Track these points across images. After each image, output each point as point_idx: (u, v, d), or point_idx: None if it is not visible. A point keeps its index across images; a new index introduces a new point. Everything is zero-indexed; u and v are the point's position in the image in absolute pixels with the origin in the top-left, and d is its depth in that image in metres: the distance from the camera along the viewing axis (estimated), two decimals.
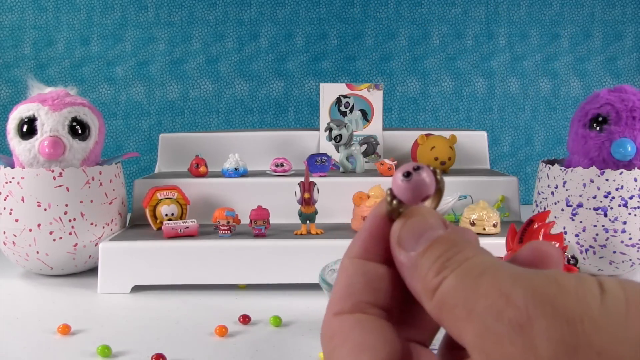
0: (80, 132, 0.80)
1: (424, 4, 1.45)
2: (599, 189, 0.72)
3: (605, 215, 0.72)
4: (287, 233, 0.78)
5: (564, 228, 0.75)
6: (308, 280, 0.71)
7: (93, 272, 0.80)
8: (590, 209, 0.72)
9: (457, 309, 0.16)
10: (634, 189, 0.71)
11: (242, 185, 0.89)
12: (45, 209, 0.76)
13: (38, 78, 0.86)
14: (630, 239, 0.72)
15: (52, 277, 0.81)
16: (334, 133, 0.93)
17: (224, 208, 0.79)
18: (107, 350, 0.53)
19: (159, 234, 0.79)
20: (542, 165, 0.81)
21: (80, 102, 0.81)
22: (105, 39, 1.41)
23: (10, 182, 0.77)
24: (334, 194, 0.85)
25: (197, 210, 0.87)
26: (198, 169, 0.91)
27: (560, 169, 0.76)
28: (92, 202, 0.79)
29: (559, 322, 0.14)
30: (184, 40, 1.42)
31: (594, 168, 0.72)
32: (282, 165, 0.91)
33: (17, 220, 0.77)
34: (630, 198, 0.71)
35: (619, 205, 0.71)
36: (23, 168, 0.77)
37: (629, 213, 0.71)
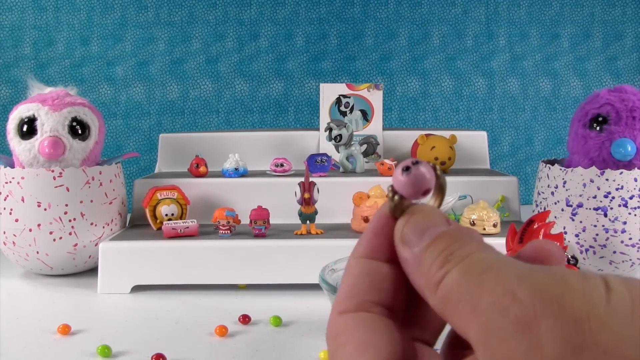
0: (80, 132, 0.80)
1: (424, 4, 1.45)
2: (599, 189, 0.72)
3: (605, 215, 0.72)
4: (287, 233, 0.78)
5: (564, 228, 0.75)
6: (308, 280, 0.71)
7: (93, 272, 0.80)
8: (590, 209, 0.72)
9: (461, 304, 0.16)
10: (634, 189, 0.71)
11: (242, 185, 0.89)
12: (45, 209, 0.76)
13: (38, 78, 0.86)
14: (630, 239, 0.72)
15: (52, 277, 0.81)
16: (334, 133, 0.93)
17: (224, 208, 0.79)
18: (107, 350, 0.53)
19: (159, 234, 0.79)
20: (542, 165, 0.81)
21: (80, 102, 0.81)
22: (105, 39, 1.41)
23: (10, 182, 0.77)
24: (334, 194, 0.85)
25: (197, 210, 0.87)
26: (198, 169, 0.91)
27: (560, 169, 0.76)
28: (92, 202, 0.79)
29: (566, 321, 0.14)
30: (184, 40, 1.43)
31: (594, 168, 0.72)
32: (282, 165, 0.91)
33: (17, 220, 0.77)
34: (630, 198, 0.71)
35: (619, 205, 0.71)
36: (23, 168, 0.77)
37: (629, 213, 0.71)
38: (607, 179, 0.71)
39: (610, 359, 0.14)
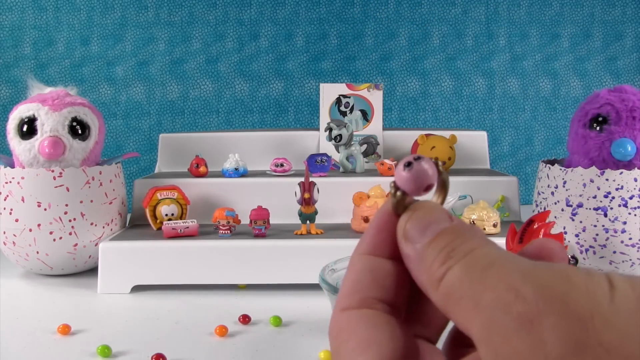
0: (80, 132, 0.80)
1: (424, 4, 1.45)
2: (599, 189, 0.72)
3: (605, 215, 0.72)
4: (287, 233, 0.78)
5: (564, 228, 0.75)
6: (308, 280, 0.71)
7: (93, 272, 0.80)
8: (590, 209, 0.72)
9: (463, 300, 0.16)
10: (634, 189, 0.71)
11: (242, 185, 0.89)
12: (45, 209, 0.76)
13: (38, 78, 0.86)
14: (630, 239, 0.72)
15: (52, 277, 0.81)
16: (334, 133, 0.93)
17: (224, 208, 0.79)
18: (107, 350, 0.53)
19: (159, 234, 0.79)
20: (542, 165, 0.81)
21: (80, 102, 0.81)
22: (105, 39, 1.41)
23: (10, 182, 0.77)
24: (334, 194, 0.85)
25: (197, 210, 0.87)
26: (198, 169, 0.91)
27: (560, 169, 0.76)
28: (92, 202, 0.79)
29: (569, 318, 0.14)
30: (184, 40, 1.42)
31: (594, 168, 0.72)
32: (282, 165, 0.91)
33: (17, 220, 0.77)
34: (630, 198, 0.71)
35: (619, 205, 0.71)
36: (23, 168, 0.77)
37: (629, 213, 0.71)
38: (607, 179, 0.71)
39: (614, 357, 0.14)
